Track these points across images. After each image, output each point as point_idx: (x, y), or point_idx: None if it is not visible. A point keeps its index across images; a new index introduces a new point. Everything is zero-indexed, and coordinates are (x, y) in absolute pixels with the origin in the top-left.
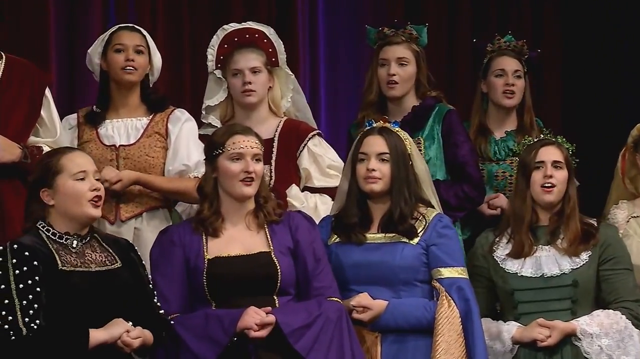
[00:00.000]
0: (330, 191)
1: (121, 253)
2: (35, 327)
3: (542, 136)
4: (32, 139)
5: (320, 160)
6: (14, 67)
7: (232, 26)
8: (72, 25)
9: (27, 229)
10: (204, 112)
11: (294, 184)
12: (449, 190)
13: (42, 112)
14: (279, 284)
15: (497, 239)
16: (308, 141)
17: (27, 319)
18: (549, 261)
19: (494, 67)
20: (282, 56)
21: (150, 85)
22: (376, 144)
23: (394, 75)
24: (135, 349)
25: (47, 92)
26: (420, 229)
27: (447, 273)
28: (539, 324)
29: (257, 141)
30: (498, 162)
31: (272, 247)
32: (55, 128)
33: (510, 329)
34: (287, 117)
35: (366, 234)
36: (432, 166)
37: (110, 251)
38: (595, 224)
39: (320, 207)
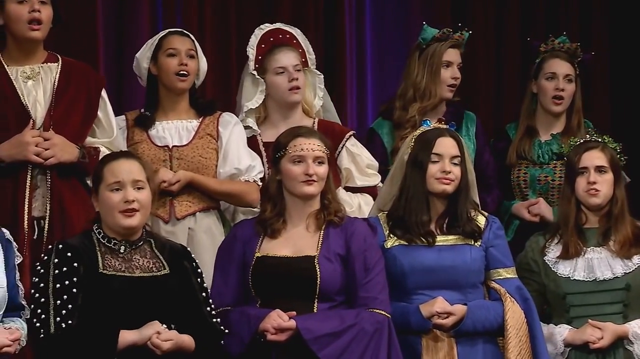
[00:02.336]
0: (369, 190)
1: (173, 260)
2: (64, 326)
3: (587, 136)
4: (89, 139)
5: (359, 159)
6: (70, 69)
7: (267, 26)
8: (120, 28)
9: (85, 229)
10: (243, 115)
11: (340, 187)
12: (487, 196)
13: (98, 113)
14: (318, 289)
15: (548, 242)
16: (346, 141)
17: (58, 319)
18: (601, 264)
19: (545, 70)
20: (311, 57)
21: (196, 88)
22: (450, 146)
23: (458, 78)
24: (166, 351)
25: (104, 93)
26: (481, 230)
27: (505, 273)
28: (591, 325)
29: (320, 143)
30: (541, 166)
31: (318, 252)
32: (111, 129)
33: (562, 331)
34: (317, 117)
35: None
36: None
37: (161, 257)
38: None
39: (364, 207)
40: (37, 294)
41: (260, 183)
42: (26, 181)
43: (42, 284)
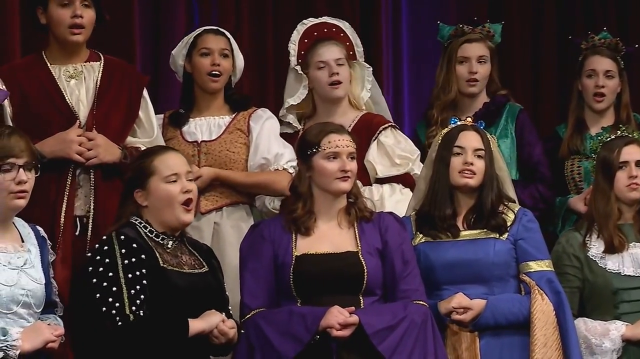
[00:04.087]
0: (399, 178)
1: (207, 258)
2: (141, 315)
3: (618, 132)
4: (129, 139)
5: (390, 151)
6: (113, 68)
7: (311, 21)
8: (156, 26)
9: (123, 223)
10: (284, 111)
11: (357, 181)
12: (524, 190)
13: (140, 113)
14: (364, 284)
15: (587, 238)
16: (379, 134)
17: (134, 308)
18: None
19: (586, 67)
20: (359, 49)
21: (232, 86)
22: (473, 140)
23: (476, 73)
24: (231, 339)
25: (145, 93)
26: (508, 223)
27: (535, 266)
28: None
29: (350, 139)
30: (594, 159)
31: (360, 247)
32: (152, 128)
33: (619, 327)
34: (366, 111)
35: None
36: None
37: (197, 255)
38: None
39: (387, 199)
40: (105, 283)
41: (291, 171)
42: (67, 179)
43: (110, 274)
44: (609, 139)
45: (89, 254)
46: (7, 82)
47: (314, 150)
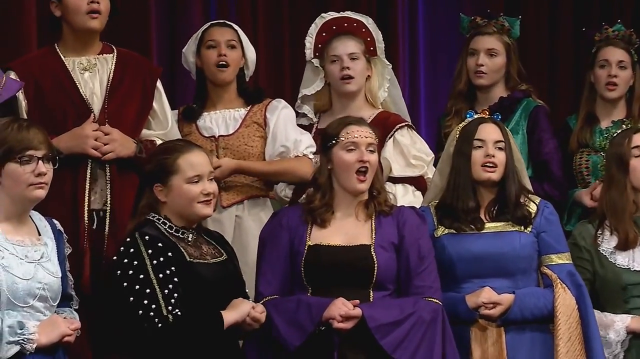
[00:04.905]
0: (413, 181)
1: (221, 246)
2: (179, 314)
3: (623, 126)
4: (144, 132)
5: (406, 151)
6: (126, 60)
7: (331, 14)
8: (173, 21)
9: (142, 221)
10: (299, 102)
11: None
12: (539, 185)
13: (154, 104)
14: (374, 278)
15: (599, 232)
16: (395, 132)
17: (170, 308)
18: None
19: (599, 58)
20: (380, 45)
21: (247, 79)
22: (493, 132)
23: (482, 65)
24: (262, 325)
25: (159, 84)
26: (531, 216)
27: (557, 259)
28: None
29: (370, 131)
30: (603, 153)
31: (373, 241)
32: (167, 120)
33: (625, 318)
34: (383, 109)
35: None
36: None
37: (214, 243)
38: None
39: (400, 199)
40: (137, 286)
41: (311, 156)
42: (86, 173)
43: (141, 276)
44: (615, 135)
45: (115, 258)
46: (21, 75)
47: (334, 141)
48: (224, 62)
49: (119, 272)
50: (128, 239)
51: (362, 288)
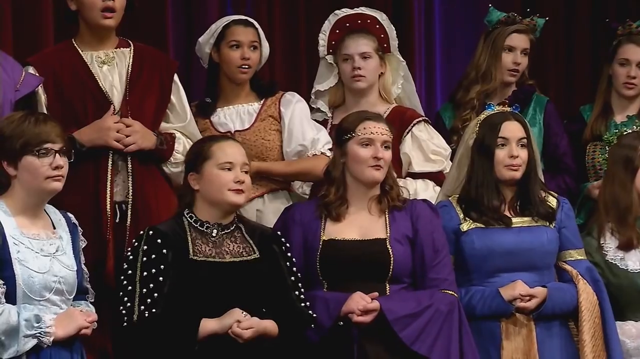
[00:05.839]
0: (433, 176)
1: (262, 244)
2: (147, 315)
3: (634, 128)
4: (163, 125)
5: (425, 146)
6: (143, 54)
7: (344, 11)
8: (189, 14)
9: (176, 214)
10: (313, 97)
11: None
12: (551, 181)
13: (171, 97)
14: (390, 272)
15: (601, 241)
16: (412, 127)
17: (142, 307)
18: None
19: (619, 55)
20: (394, 42)
21: (256, 73)
22: (516, 129)
23: (519, 64)
24: (247, 340)
25: (176, 77)
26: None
27: (576, 254)
28: None
29: (387, 128)
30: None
31: (388, 235)
32: (185, 113)
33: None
34: (397, 104)
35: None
36: None
37: (251, 242)
38: None
39: (420, 194)
40: (124, 282)
41: (329, 154)
42: (107, 165)
43: (129, 272)
44: (626, 134)
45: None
46: (40, 70)
47: (349, 135)
48: (247, 65)
49: (124, 265)
50: (141, 233)
51: (378, 282)
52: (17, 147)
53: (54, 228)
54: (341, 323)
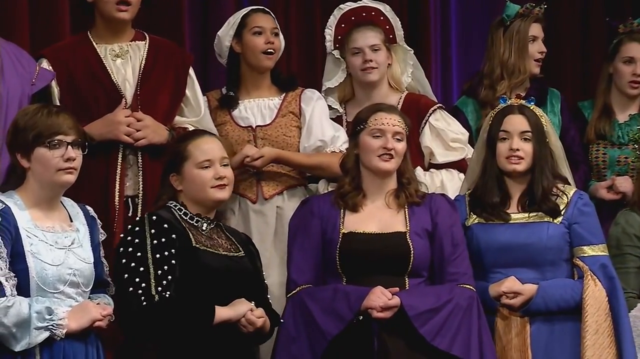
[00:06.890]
0: (456, 164)
1: (242, 244)
2: (166, 296)
3: None
4: (177, 119)
5: (444, 135)
6: (158, 47)
7: (348, 5)
8: (205, 6)
9: (159, 206)
10: (323, 94)
11: (418, 167)
12: (576, 172)
13: (186, 91)
14: (410, 265)
15: None
16: (429, 116)
17: (159, 289)
18: None
19: (622, 53)
20: (399, 33)
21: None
22: (518, 123)
23: (544, 52)
24: (258, 328)
25: (191, 71)
26: (562, 207)
27: (590, 251)
28: None
29: (400, 119)
30: (620, 147)
31: (408, 228)
32: (199, 107)
33: None
34: (408, 91)
35: (510, 214)
36: None
37: (234, 240)
38: None
39: (447, 184)
40: (133, 264)
41: None
42: (117, 160)
43: (139, 254)
44: None
45: (122, 235)
46: (53, 63)
47: (362, 126)
48: (272, 50)
49: (121, 249)
50: (138, 219)
51: (398, 276)
52: (29, 139)
53: (71, 221)
54: (361, 317)
